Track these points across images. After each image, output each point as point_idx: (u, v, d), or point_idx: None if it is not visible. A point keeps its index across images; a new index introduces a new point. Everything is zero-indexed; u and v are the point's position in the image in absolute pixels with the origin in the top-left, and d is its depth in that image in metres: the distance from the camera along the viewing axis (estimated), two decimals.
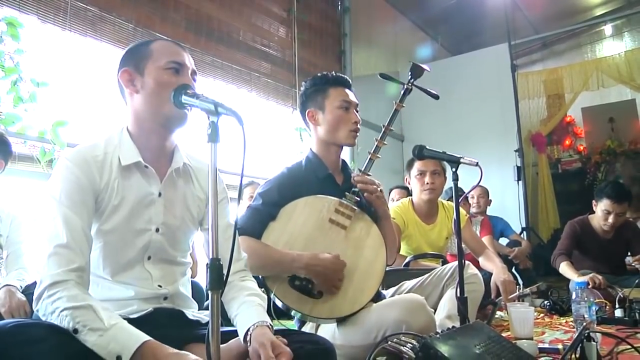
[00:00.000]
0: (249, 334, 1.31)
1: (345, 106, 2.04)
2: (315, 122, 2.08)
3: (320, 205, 1.95)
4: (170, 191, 1.47)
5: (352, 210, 1.96)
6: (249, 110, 4.42)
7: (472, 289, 2.08)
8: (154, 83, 1.39)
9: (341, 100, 2.04)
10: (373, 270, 1.90)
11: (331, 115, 2.03)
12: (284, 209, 1.93)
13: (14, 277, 2.27)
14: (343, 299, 1.83)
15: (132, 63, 1.43)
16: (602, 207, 3.51)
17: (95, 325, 1.13)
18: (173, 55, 1.42)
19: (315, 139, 2.11)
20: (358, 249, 1.92)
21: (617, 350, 1.93)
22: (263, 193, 1.98)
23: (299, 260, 1.79)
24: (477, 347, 1.38)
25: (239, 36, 4.39)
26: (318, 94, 2.08)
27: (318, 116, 2.07)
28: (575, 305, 2.28)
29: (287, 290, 1.82)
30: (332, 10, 5.67)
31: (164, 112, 1.40)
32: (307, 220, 1.92)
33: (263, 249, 1.84)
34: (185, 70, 1.42)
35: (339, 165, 2.13)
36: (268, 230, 1.89)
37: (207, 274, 1.09)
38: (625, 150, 6.71)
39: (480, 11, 6.35)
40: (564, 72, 6.52)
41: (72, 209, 1.28)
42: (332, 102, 2.05)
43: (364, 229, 1.97)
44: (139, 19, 3.49)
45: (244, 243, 1.81)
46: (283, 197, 1.94)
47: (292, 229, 1.90)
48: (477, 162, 1.84)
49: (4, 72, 2.70)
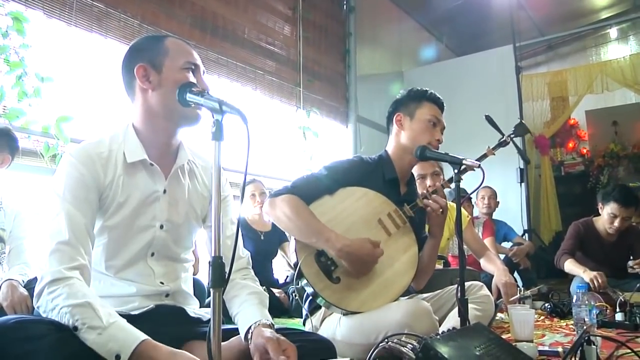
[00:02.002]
0: (250, 332, 1.32)
1: (434, 121, 2.08)
2: (401, 126, 2.12)
3: (377, 203, 1.98)
4: (174, 188, 1.47)
5: (404, 222, 1.98)
6: (253, 108, 4.43)
7: (484, 308, 2.07)
8: (173, 82, 1.38)
9: (432, 115, 2.09)
10: (395, 283, 1.91)
11: (418, 124, 2.08)
12: (343, 189, 1.96)
13: (16, 271, 2.27)
14: (356, 296, 1.83)
15: (146, 59, 1.41)
16: (609, 210, 3.50)
17: (94, 323, 1.13)
18: (189, 55, 1.43)
19: (394, 143, 2.14)
20: (391, 258, 1.92)
21: (617, 354, 1.93)
22: (330, 167, 2.01)
23: (334, 242, 1.78)
24: (477, 348, 1.38)
25: (244, 34, 4.40)
26: (412, 102, 2.13)
27: (405, 121, 2.11)
28: (575, 308, 2.28)
29: (311, 262, 1.83)
30: (337, 9, 5.67)
31: (179, 110, 1.39)
32: (359, 209, 1.94)
33: (308, 213, 1.85)
34: (200, 71, 1.44)
35: (407, 175, 2.16)
36: (320, 201, 1.92)
37: (209, 272, 1.10)
38: (629, 153, 6.70)
39: (486, 12, 6.34)
40: (568, 74, 6.51)
41: (76, 206, 1.29)
42: (423, 113, 2.09)
43: (404, 244, 1.98)
44: (145, 16, 3.49)
45: (293, 201, 1.83)
46: (347, 179, 1.97)
47: (341, 210, 1.92)
48: (480, 164, 1.84)
49: (9, 66, 2.71)
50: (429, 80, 6.42)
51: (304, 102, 4.96)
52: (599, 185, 6.68)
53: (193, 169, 1.55)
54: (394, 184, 2.08)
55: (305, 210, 1.85)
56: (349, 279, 1.84)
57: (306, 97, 4.99)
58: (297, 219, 1.81)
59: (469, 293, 1.95)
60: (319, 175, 1.98)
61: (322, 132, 5.06)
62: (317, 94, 5.15)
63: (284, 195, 1.87)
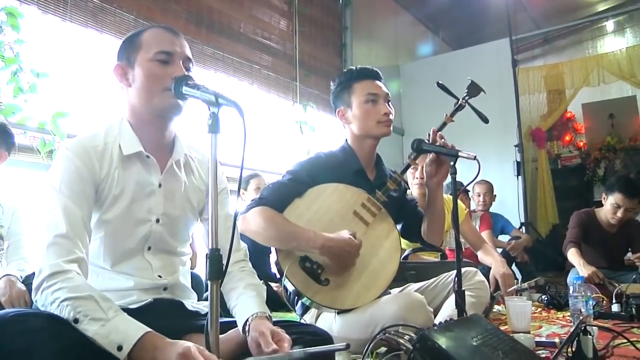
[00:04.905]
0: (247, 324, 1.32)
1: (372, 99, 2.01)
2: (346, 120, 2.07)
3: (348, 195, 1.95)
4: (170, 182, 1.47)
5: (379, 208, 1.96)
6: (249, 103, 4.42)
7: (478, 294, 2.06)
8: (143, 75, 1.38)
9: (366, 94, 2.01)
10: (383, 271, 1.89)
11: (358, 110, 2.02)
12: (312, 189, 1.93)
13: (14, 267, 2.27)
14: (348, 292, 1.83)
15: (124, 56, 1.43)
16: (613, 200, 3.51)
17: (97, 315, 1.13)
18: (161, 44, 1.39)
19: (350, 135, 2.09)
20: (374, 247, 1.91)
21: (613, 344, 1.94)
22: (293, 171, 1.98)
23: (315, 240, 1.77)
24: (475, 339, 1.39)
25: (239, 28, 4.39)
26: (344, 92, 2.07)
27: (347, 114, 2.06)
28: (572, 299, 2.30)
29: (296, 269, 1.82)
30: (333, 4, 5.66)
31: (155, 104, 1.39)
32: (332, 205, 1.92)
33: (282, 220, 1.84)
34: (175, 59, 1.39)
35: (372, 159, 2.11)
36: (292, 206, 1.89)
37: (206, 265, 1.10)
38: (625, 146, 6.71)
39: (482, 6, 6.34)
40: (564, 67, 6.50)
41: (72, 199, 1.28)
42: (357, 97, 2.02)
43: (384, 230, 1.97)
44: (140, 11, 3.49)
45: (264, 213, 1.82)
46: (313, 178, 1.94)
47: (315, 210, 1.90)
48: (475, 156, 1.84)
49: (4, 62, 2.70)
50: (425, 74, 6.45)
51: (301, 96, 4.95)
52: (595, 178, 6.69)
53: (189, 162, 1.54)
54: (362, 173, 2.05)
55: (278, 217, 1.84)
56: (338, 278, 1.83)
57: (303, 92, 4.99)
58: (272, 228, 1.80)
59: (464, 279, 1.94)
60: (284, 181, 1.95)
61: (319, 127, 5.06)
62: (314, 88, 5.15)
63: (255, 209, 1.85)
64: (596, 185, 6.66)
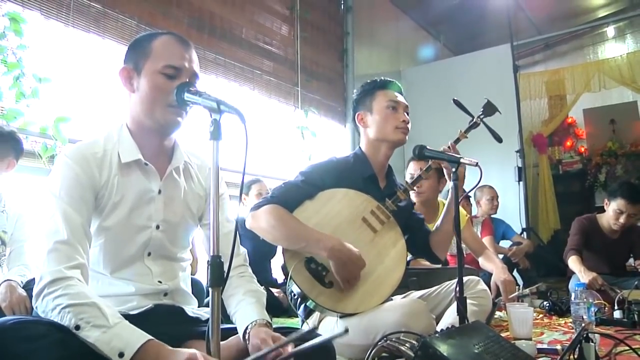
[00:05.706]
0: (247, 331, 1.32)
1: (393, 106, 2.08)
2: (364, 124, 2.12)
3: (358, 202, 1.97)
4: (170, 189, 1.47)
5: (387, 217, 1.98)
6: (251, 108, 4.43)
7: (480, 302, 2.07)
8: (148, 87, 1.37)
9: (388, 101, 2.09)
10: (388, 279, 1.90)
11: (378, 115, 2.08)
12: (323, 192, 1.95)
13: (15, 272, 2.27)
14: (351, 297, 1.83)
15: (132, 60, 1.41)
16: (615, 206, 3.49)
17: (99, 322, 1.12)
18: (171, 58, 1.38)
19: (365, 140, 2.14)
20: (380, 255, 1.93)
21: (616, 352, 1.94)
22: (306, 172, 2.00)
23: (325, 242, 1.78)
24: (476, 346, 1.39)
25: (241, 34, 4.40)
26: (366, 97, 2.13)
27: (367, 118, 2.11)
28: (574, 306, 2.29)
29: (301, 269, 1.82)
30: (334, 9, 5.67)
31: (156, 117, 1.39)
32: (342, 210, 1.94)
33: (291, 219, 1.85)
34: (183, 76, 1.37)
35: (384, 168, 2.15)
36: (302, 207, 1.91)
37: (207, 271, 1.10)
38: (626, 152, 6.71)
39: (483, 11, 6.34)
40: (565, 73, 6.52)
41: (72, 205, 1.28)
42: (379, 102, 2.09)
43: (391, 239, 1.99)
44: (142, 16, 3.49)
45: (275, 211, 1.83)
46: (324, 182, 1.97)
47: (325, 213, 1.92)
48: (477, 162, 1.84)
49: (7, 67, 2.70)
50: (426, 80, 6.46)
51: (302, 101, 4.96)
52: (597, 183, 6.69)
53: (188, 168, 1.54)
54: (373, 180, 2.08)
55: (289, 217, 1.85)
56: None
57: (304, 97, 4.99)
58: (282, 227, 1.81)
59: (466, 288, 1.94)
60: (296, 181, 1.97)
61: (320, 132, 5.07)
62: (315, 93, 5.16)
63: (266, 206, 1.86)
64: (597, 191, 6.66)
